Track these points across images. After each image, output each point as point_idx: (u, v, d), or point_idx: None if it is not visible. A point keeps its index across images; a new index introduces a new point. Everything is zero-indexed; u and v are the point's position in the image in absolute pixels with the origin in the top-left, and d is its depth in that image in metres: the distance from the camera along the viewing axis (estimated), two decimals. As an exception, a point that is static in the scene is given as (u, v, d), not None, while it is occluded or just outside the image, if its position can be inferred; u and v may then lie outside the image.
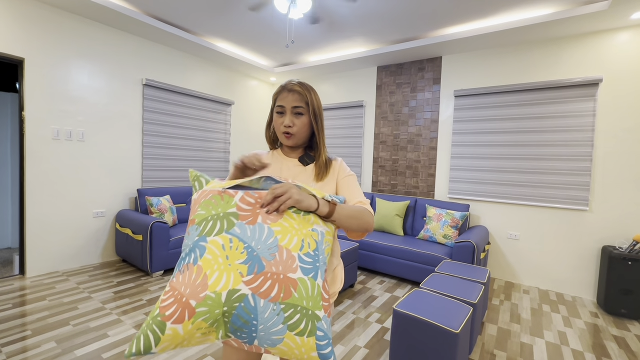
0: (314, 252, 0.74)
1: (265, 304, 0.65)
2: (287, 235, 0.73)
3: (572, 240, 3.08)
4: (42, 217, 2.96)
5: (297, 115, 0.96)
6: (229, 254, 0.69)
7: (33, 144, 2.88)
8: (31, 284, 2.77)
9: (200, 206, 0.78)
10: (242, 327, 0.66)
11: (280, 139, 1.01)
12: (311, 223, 0.77)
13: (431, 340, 1.59)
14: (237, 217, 0.74)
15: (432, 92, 3.86)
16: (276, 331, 0.65)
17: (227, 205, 0.76)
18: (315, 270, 0.72)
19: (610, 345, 2.18)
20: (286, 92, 0.96)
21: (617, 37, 2.87)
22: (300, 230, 0.75)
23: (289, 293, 0.67)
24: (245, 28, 3.50)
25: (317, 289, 0.70)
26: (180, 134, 4.06)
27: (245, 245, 0.70)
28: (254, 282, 0.67)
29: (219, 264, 0.68)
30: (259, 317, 0.65)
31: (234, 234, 0.72)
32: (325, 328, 0.68)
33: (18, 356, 1.79)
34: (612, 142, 2.89)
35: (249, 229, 0.72)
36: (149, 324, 0.63)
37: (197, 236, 0.73)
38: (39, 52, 2.87)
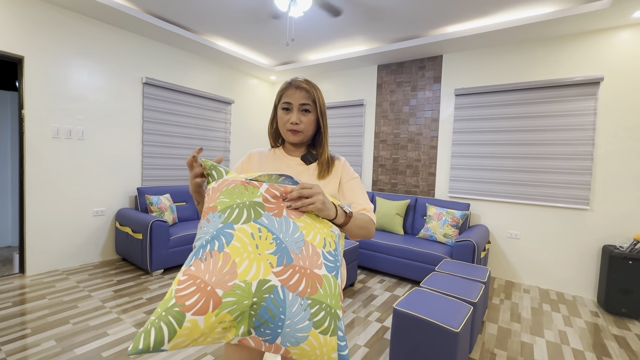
0: (334, 251, 0.74)
1: (293, 297, 0.64)
2: (312, 232, 0.73)
3: (572, 240, 3.07)
4: (42, 215, 2.96)
5: (304, 113, 0.95)
6: (259, 243, 0.67)
7: (33, 143, 2.87)
8: (31, 282, 2.77)
9: (222, 194, 0.75)
10: (268, 322, 0.63)
11: (285, 136, 0.99)
12: (330, 225, 0.79)
13: (431, 340, 1.59)
14: (264, 208, 0.73)
15: (432, 90, 3.86)
16: (302, 328, 0.63)
17: (253, 195, 0.74)
18: (337, 270, 0.72)
19: (611, 344, 2.18)
20: (293, 89, 0.95)
21: (619, 36, 2.86)
22: (322, 229, 0.75)
23: (315, 289, 0.65)
24: (245, 27, 3.49)
25: (338, 288, 0.69)
26: (180, 132, 4.05)
27: (274, 237, 0.69)
28: (284, 274, 0.65)
29: (249, 252, 0.65)
30: (287, 311, 0.63)
31: (263, 224, 0.70)
32: (343, 329, 0.68)
33: (18, 355, 1.78)
34: (613, 141, 2.89)
35: (276, 221, 0.71)
36: (161, 316, 0.56)
37: (222, 223, 0.69)
38: (38, 50, 2.87)
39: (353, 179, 1.02)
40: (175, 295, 0.59)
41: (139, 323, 2.17)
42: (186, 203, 3.87)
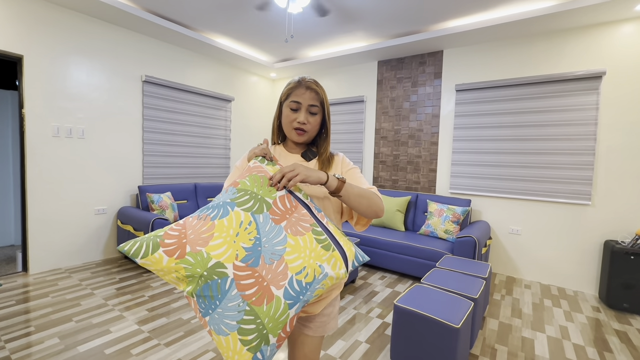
0: (306, 284, 0.72)
1: (236, 295, 0.66)
2: (296, 253, 0.73)
3: (574, 235, 3.06)
4: (43, 214, 2.97)
5: (312, 115, 0.96)
6: (240, 232, 0.71)
7: (33, 142, 2.88)
8: (34, 280, 2.79)
9: (249, 176, 0.81)
10: (205, 298, 0.67)
11: (290, 134, 0.98)
12: (323, 259, 0.76)
13: (432, 335, 1.59)
14: (269, 208, 0.76)
15: (433, 86, 3.83)
16: (227, 324, 0.65)
17: (269, 194, 0.78)
18: (296, 301, 0.70)
19: (612, 339, 2.18)
20: (303, 89, 0.95)
21: (621, 29, 2.83)
22: (309, 257, 0.74)
23: (260, 301, 0.66)
24: (244, 23, 3.48)
25: (285, 317, 0.68)
26: (180, 130, 4.05)
27: (257, 236, 0.71)
28: (241, 271, 0.67)
29: (228, 234, 0.70)
30: (223, 301, 0.65)
31: (257, 220, 0.74)
32: (267, 355, 0.67)
33: (22, 352, 1.80)
34: (615, 136, 2.87)
35: (270, 225, 0.74)
36: (149, 238, 0.68)
37: (230, 199, 0.76)
38: (38, 49, 2.86)
39: (352, 168, 1.03)
40: (166, 230, 0.70)
41: (141, 320, 2.18)
42: (187, 201, 3.88)
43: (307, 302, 0.73)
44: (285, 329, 0.69)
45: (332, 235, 0.81)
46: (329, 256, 0.77)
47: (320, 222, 0.81)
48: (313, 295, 0.74)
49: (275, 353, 0.69)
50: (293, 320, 0.71)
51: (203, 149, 4.36)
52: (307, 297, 0.72)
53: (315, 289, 0.74)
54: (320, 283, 0.74)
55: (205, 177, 4.42)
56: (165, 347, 1.90)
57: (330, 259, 0.77)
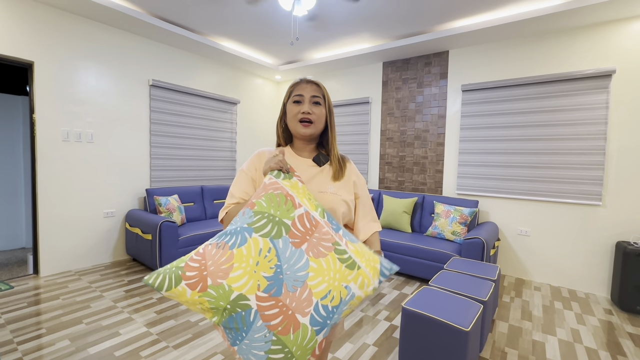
0: (332, 308, 0.69)
1: (261, 326, 0.65)
2: (319, 277, 0.70)
3: (584, 236, 3.01)
4: (54, 217, 3.02)
5: (315, 105, 0.95)
6: (260, 261, 0.69)
7: (44, 146, 2.93)
8: (45, 283, 2.83)
9: (265, 196, 0.77)
10: (232, 330, 0.67)
11: (296, 128, 0.96)
12: (348, 280, 0.72)
13: (441, 339, 1.58)
14: (288, 231, 0.73)
15: (439, 87, 3.81)
16: (255, 354, 0.65)
17: (287, 214, 0.75)
18: (323, 326, 0.68)
19: (626, 342, 2.13)
20: (304, 84, 0.96)
21: (631, 27, 2.79)
22: (334, 279, 0.71)
23: (286, 331, 0.65)
24: (249, 26, 3.50)
25: (313, 343, 0.66)
26: (187, 133, 4.08)
27: (278, 264, 0.69)
28: (265, 301, 0.66)
29: (248, 264, 0.68)
30: (249, 333, 0.65)
31: (276, 246, 0.71)
32: None
33: (34, 354, 1.83)
34: (626, 135, 2.82)
35: (290, 250, 0.71)
36: (172, 270, 0.68)
37: (247, 224, 0.73)
38: (47, 55, 2.91)
39: (363, 187, 1.04)
40: (187, 262, 0.69)
41: (150, 322, 2.20)
42: (194, 203, 3.91)
43: (337, 322, 0.71)
44: (315, 353, 0.68)
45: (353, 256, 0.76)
46: (355, 275, 0.72)
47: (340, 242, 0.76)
48: (341, 317, 0.71)
49: None
50: (322, 344, 0.69)
51: (209, 151, 4.39)
52: (335, 320, 0.70)
53: (342, 311, 0.71)
54: (347, 305, 0.71)
55: (211, 180, 4.45)
56: (174, 349, 1.91)
57: (357, 277, 0.72)
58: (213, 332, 2.10)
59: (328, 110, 0.98)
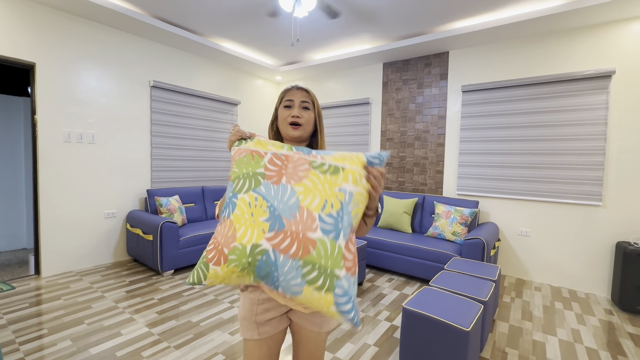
0: (337, 212, 0.73)
1: (284, 259, 0.70)
2: (310, 195, 0.75)
3: (585, 236, 3.02)
4: (55, 218, 3.03)
5: (304, 110, 1.01)
6: (254, 211, 0.75)
7: (46, 147, 2.94)
8: (46, 283, 2.83)
9: (235, 164, 0.85)
10: (265, 277, 0.73)
11: (286, 131, 1.01)
12: (339, 183, 0.76)
13: (442, 339, 1.58)
14: (264, 177, 0.79)
15: (439, 87, 3.82)
16: (295, 284, 0.70)
17: (257, 165, 0.81)
18: (337, 231, 0.72)
19: (626, 342, 2.14)
20: (295, 90, 1.02)
21: (631, 28, 2.80)
22: (324, 190, 0.75)
23: (307, 251, 0.70)
24: (250, 28, 3.51)
25: (337, 250, 0.70)
26: (188, 134, 4.09)
27: (268, 204, 0.75)
28: (275, 239, 0.72)
29: (246, 220, 0.74)
30: (279, 269, 0.71)
31: (260, 192, 0.77)
32: (346, 286, 0.70)
33: (36, 354, 1.83)
34: (625, 136, 2.82)
35: (273, 189, 0.77)
36: (199, 263, 0.75)
37: (231, 192, 0.80)
38: (49, 56, 2.93)
39: None
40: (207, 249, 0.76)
41: (151, 323, 2.20)
42: (195, 204, 3.92)
43: (352, 224, 0.75)
44: (346, 257, 0.71)
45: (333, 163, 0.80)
46: (343, 176, 0.77)
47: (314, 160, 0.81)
48: (353, 216, 0.75)
49: (354, 281, 0.73)
50: (350, 245, 0.73)
51: (210, 152, 4.40)
52: (348, 221, 0.74)
53: (350, 211, 0.75)
54: (351, 203, 0.75)
55: (212, 180, 4.45)
56: (175, 349, 1.92)
57: (346, 177, 0.77)
58: (214, 333, 2.11)
59: (317, 115, 1.03)
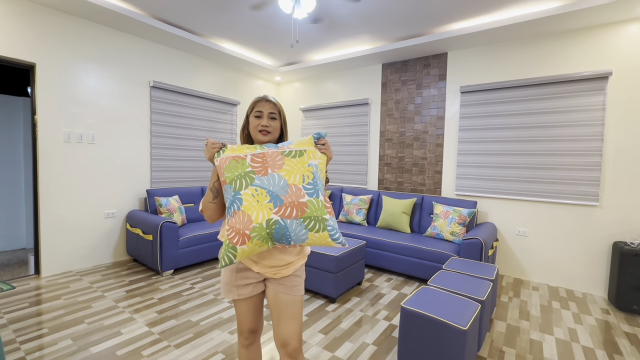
0: (312, 180, 1.04)
1: (291, 221, 0.99)
2: (292, 175, 1.03)
3: (582, 237, 3.04)
4: (55, 218, 3.03)
5: (272, 119, 1.21)
6: (258, 198, 1.00)
7: (45, 147, 2.95)
8: (46, 283, 2.84)
9: (225, 170, 1.06)
10: (281, 238, 1.00)
11: (257, 136, 1.21)
12: (306, 161, 1.07)
13: (439, 338, 1.60)
14: (254, 173, 1.03)
15: (437, 88, 3.84)
16: (302, 234, 1.00)
17: (243, 166, 1.05)
18: (317, 192, 1.03)
19: (622, 341, 2.16)
20: (264, 102, 1.21)
21: (627, 30, 2.82)
22: (299, 169, 1.05)
23: (303, 211, 0.99)
24: (250, 28, 3.52)
25: (320, 203, 1.02)
26: (187, 134, 4.11)
27: (267, 191, 1.00)
28: (280, 211, 0.99)
29: (254, 206, 0.99)
30: (290, 229, 0.99)
31: (256, 185, 1.02)
32: (332, 223, 1.02)
33: (36, 353, 1.84)
34: (622, 137, 2.85)
35: (265, 179, 1.02)
36: (226, 250, 0.98)
37: (233, 192, 1.02)
38: (49, 57, 2.94)
39: None
40: (228, 238, 0.99)
41: (151, 322, 2.22)
42: (194, 204, 3.93)
43: (322, 184, 1.07)
44: (326, 206, 1.03)
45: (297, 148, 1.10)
46: (306, 155, 1.08)
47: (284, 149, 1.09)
48: (322, 178, 1.08)
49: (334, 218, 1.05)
50: (326, 198, 1.05)
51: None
52: (320, 184, 1.05)
53: (319, 177, 1.07)
54: (318, 171, 1.07)
55: (211, 181, 4.46)
56: (175, 348, 1.93)
57: (309, 155, 1.08)
58: (213, 332, 2.12)
59: (283, 122, 1.25)
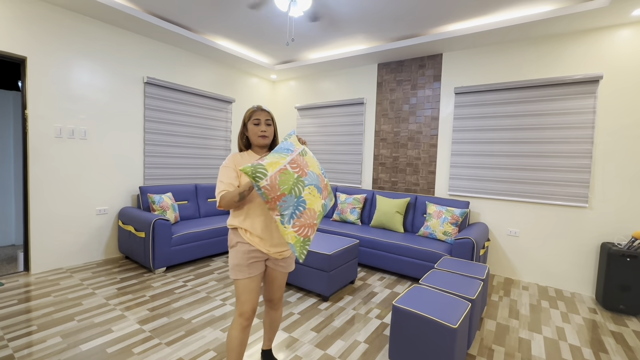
0: (321, 168, 1.43)
1: (326, 200, 1.39)
2: (315, 168, 1.37)
3: (571, 237, 3.09)
4: (45, 214, 2.99)
5: (268, 125, 1.50)
6: (313, 193, 1.30)
7: (36, 142, 2.90)
8: (36, 280, 2.81)
9: (279, 184, 1.22)
10: (324, 211, 1.36)
11: (257, 141, 1.49)
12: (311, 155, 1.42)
13: (430, 336, 1.62)
14: (301, 177, 1.28)
15: (432, 89, 3.87)
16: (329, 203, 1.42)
17: (291, 175, 1.25)
18: (325, 173, 1.45)
19: (608, 340, 2.20)
20: (260, 111, 1.49)
21: (618, 34, 2.87)
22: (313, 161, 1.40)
23: (328, 191, 1.41)
24: (245, 26, 3.51)
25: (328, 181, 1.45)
26: (181, 131, 4.08)
27: (313, 185, 1.31)
28: (322, 195, 1.35)
29: (313, 200, 1.29)
30: (328, 205, 1.41)
31: (307, 184, 1.29)
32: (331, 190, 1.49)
33: (24, 351, 1.82)
34: (611, 139, 2.90)
35: (308, 178, 1.30)
36: (302, 246, 1.24)
37: (295, 198, 1.25)
38: (41, 50, 2.89)
39: None
40: (301, 235, 1.25)
41: (142, 320, 2.20)
42: (188, 202, 3.91)
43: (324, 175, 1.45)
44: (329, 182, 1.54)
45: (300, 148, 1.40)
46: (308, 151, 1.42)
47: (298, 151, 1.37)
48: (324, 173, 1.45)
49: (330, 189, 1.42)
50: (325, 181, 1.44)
51: (204, 150, 4.39)
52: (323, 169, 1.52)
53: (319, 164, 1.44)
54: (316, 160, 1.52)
55: (205, 178, 4.44)
56: (167, 346, 1.92)
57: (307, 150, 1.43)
58: (205, 330, 2.12)
59: (275, 127, 1.54)
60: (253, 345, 1.98)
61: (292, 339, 2.07)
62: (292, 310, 2.45)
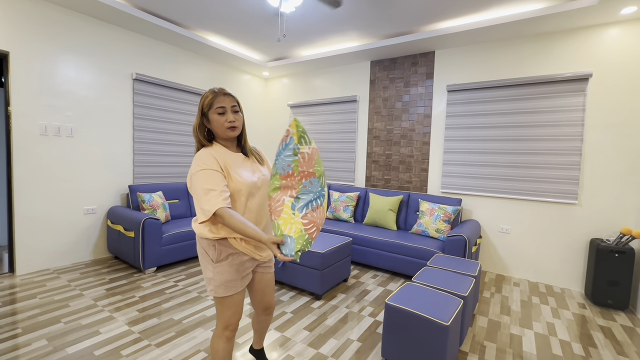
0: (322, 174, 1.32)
1: None
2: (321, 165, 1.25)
3: (561, 234, 3.13)
4: (31, 214, 2.92)
5: (235, 113, 1.21)
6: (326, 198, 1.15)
7: (20, 140, 2.82)
8: (21, 281, 2.73)
9: (316, 162, 1.12)
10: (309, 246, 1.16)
11: (225, 133, 1.21)
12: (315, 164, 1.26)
13: (422, 333, 1.62)
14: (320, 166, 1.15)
15: (425, 87, 3.87)
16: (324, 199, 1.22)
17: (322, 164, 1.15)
18: None
19: (597, 335, 2.24)
20: (222, 96, 1.19)
21: (607, 33, 2.90)
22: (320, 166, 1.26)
23: None
24: (236, 22, 3.46)
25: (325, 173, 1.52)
26: (171, 129, 4.01)
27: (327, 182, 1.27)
28: None
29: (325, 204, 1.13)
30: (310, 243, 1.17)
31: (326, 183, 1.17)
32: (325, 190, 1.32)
33: (8, 354, 1.77)
34: (600, 137, 2.94)
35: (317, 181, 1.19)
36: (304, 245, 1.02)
37: (320, 187, 1.12)
38: (24, 45, 2.80)
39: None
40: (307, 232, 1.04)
41: (131, 321, 2.16)
42: (179, 200, 3.85)
43: None
44: None
45: None
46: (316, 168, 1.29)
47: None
48: None
49: None
50: None
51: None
52: None
53: None
54: None
55: (197, 177, 4.38)
56: (156, 347, 1.89)
57: None
58: (196, 330, 2.09)
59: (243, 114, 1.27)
60: (243, 346, 1.96)
61: (285, 338, 2.05)
62: (284, 309, 2.43)
